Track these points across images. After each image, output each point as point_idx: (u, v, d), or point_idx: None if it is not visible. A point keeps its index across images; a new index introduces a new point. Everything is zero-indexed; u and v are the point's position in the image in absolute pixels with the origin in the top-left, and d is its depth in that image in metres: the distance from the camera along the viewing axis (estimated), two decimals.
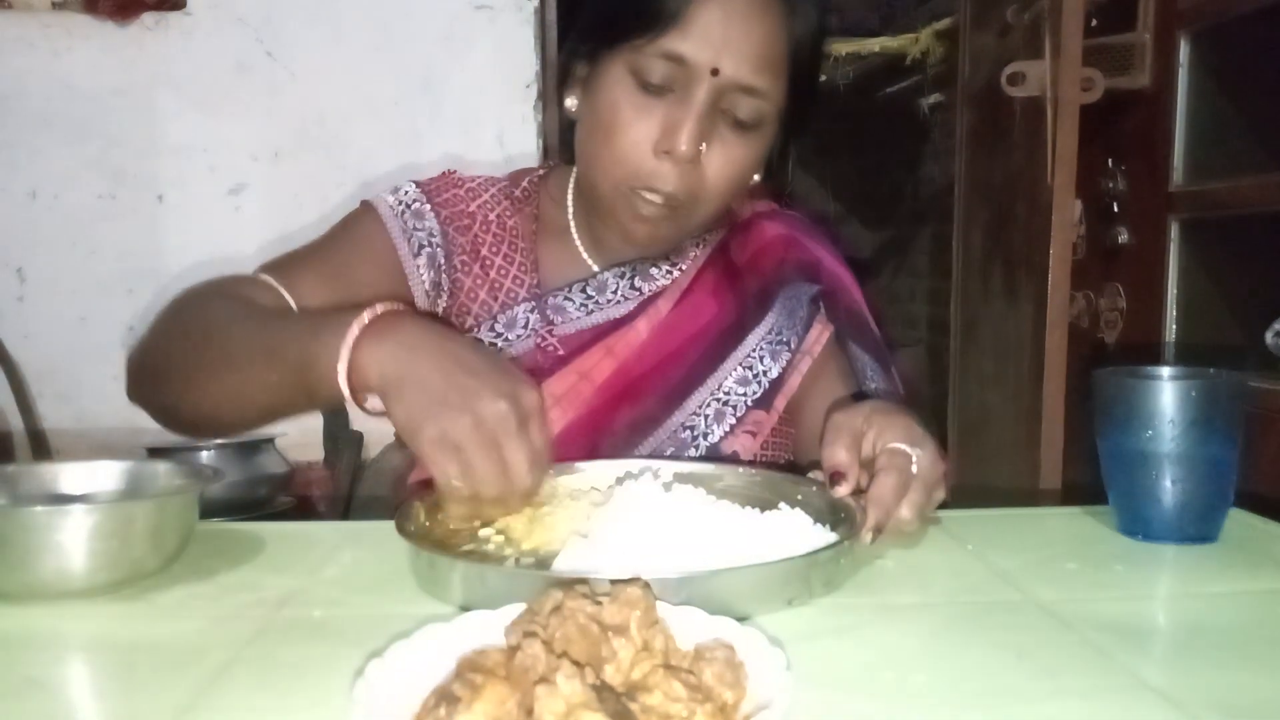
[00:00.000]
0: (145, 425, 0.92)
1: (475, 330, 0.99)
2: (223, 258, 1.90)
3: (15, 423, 1.83)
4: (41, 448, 1.84)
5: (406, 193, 1.03)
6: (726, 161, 0.92)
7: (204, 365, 0.83)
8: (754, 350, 1.00)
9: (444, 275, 1.01)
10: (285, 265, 0.97)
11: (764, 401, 0.99)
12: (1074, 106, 1.90)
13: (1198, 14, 1.94)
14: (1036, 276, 1.99)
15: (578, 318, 1.00)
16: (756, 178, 1.00)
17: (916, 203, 3.81)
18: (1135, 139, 2.11)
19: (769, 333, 1.01)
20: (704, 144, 0.90)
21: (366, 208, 1.03)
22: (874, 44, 3.43)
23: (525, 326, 0.99)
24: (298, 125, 1.89)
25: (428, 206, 1.02)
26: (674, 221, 0.94)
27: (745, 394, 0.99)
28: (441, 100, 1.91)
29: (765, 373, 1.00)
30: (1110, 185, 2.16)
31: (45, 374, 1.88)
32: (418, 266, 1.00)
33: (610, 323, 1.00)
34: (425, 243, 1.00)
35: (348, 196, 1.90)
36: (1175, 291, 2.00)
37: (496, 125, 1.92)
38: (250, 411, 0.84)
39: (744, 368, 1.00)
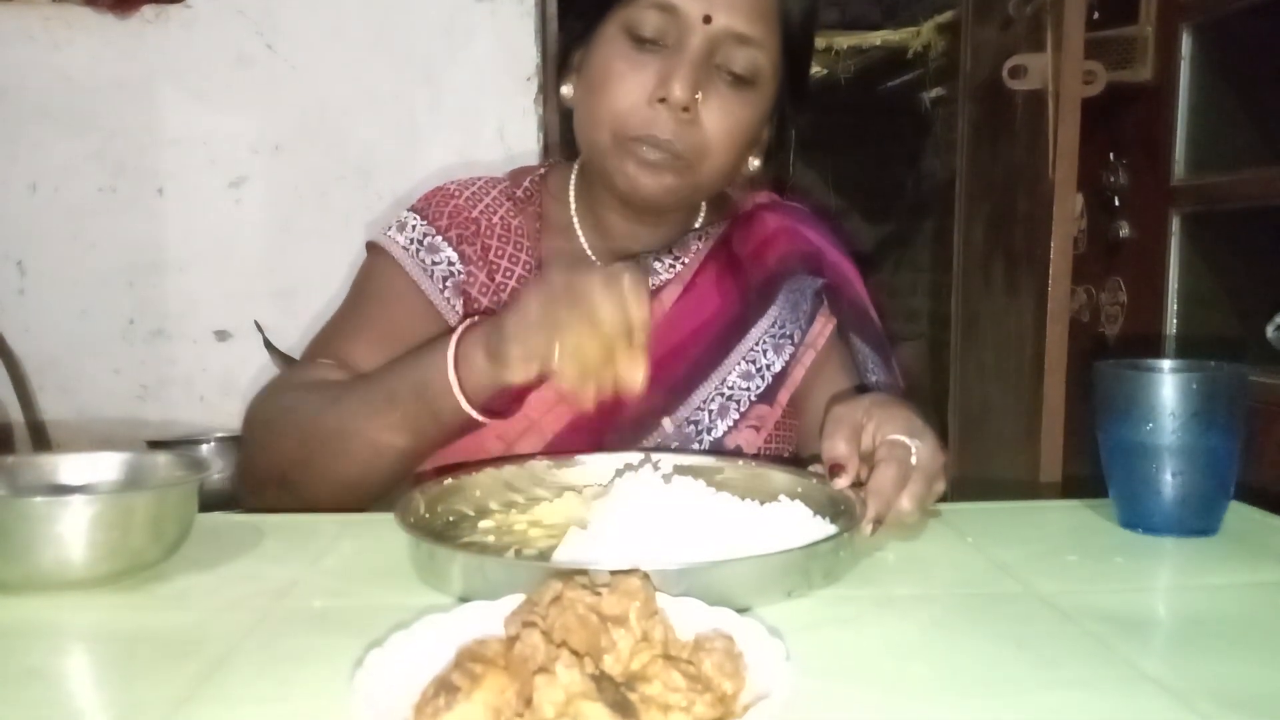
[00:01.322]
0: (146, 418, 0.92)
1: None
2: (223, 250, 1.90)
3: (16, 415, 1.83)
4: (42, 440, 1.83)
5: (414, 227, 1.02)
6: (724, 115, 0.92)
7: (330, 444, 0.85)
8: (757, 344, 1.00)
9: (462, 292, 1.00)
10: (332, 344, 0.98)
11: (767, 396, 0.99)
12: (1076, 100, 1.90)
13: (1200, 7, 1.94)
14: (1037, 270, 1.99)
15: None
16: (756, 163, 1.00)
17: (918, 197, 3.81)
18: (1137, 133, 2.10)
19: (772, 325, 1.00)
20: (699, 94, 0.90)
21: (378, 253, 1.02)
22: (875, 38, 3.43)
23: None
24: (298, 118, 1.89)
25: (439, 238, 1.01)
26: (678, 175, 0.93)
27: (749, 388, 0.98)
28: (442, 93, 1.91)
29: (768, 366, 0.99)
30: (1111, 179, 2.16)
31: (46, 367, 1.88)
32: (447, 299, 0.99)
33: None
34: (448, 273, 1.00)
35: (348, 189, 1.90)
36: (1176, 285, 2.00)
37: (497, 118, 1.92)
38: (388, 463, 0.86)
39: (747, 361, 0.99)
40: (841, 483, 0.73)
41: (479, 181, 1.07)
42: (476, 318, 0.82)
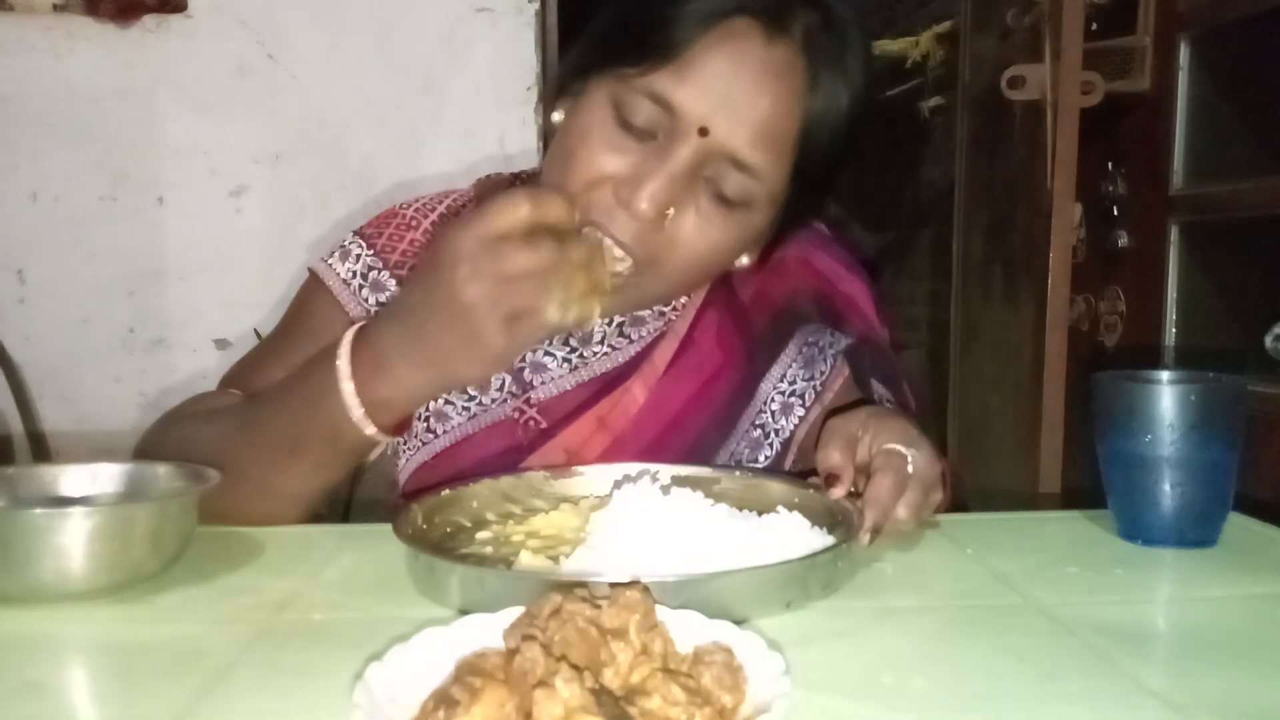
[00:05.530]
0: (146, 427, 0.92)
1: (440, 398, 0.90)
2: (223, 260, 1.90)
3: (15, 425, 1.83)
4: (42, 450, 1.83)
5: (358, 258, 0.91)
6: (699, 235, 0.79)
7: (231, 489, 0.74)
8: (766, 403, 0.90)
9: None
10: (247, 374, 0.91)
11: (777, 463, 0.91)
12: (1074, 110, 1.90)
13: (1198, 17, 1.94)
14: (1036, 280, 1.99)
15: (560, 376, 0.90)
16: (745, 259, 0.88)
17: (916, 205, 3.81)
18: (1135, 142, 2.11)
19: (781, 380, 0.91)
20: (672, 209, 0.77)
21: (316, 282, 0.92)
22: (874, 47, 3.43)
23: (500, 389, 0.90)
24: (299, 128, 1.89)
25: (385, 273, 0.90)
26: (627, 279, 0.79)
27: (757, 460, 0.91)
28: (442, 103, 1.91)
29: (777, 432, 0.91)
30: (1110, 188, 2.16)
31: (46, 376, 1.88)
32: None
33: (599, 382, 0.89)
34: None
35: (349, 199, 1.90)
36: (1175, 295, 2.00)
37: (497, 128, 1.92)
38: (299, 504, 0.80)
39: (756, 426, 0.90)
40: (837, 493, 0.73)
41: (440, 205, 0.95)
42: (350, 337, 0.73)
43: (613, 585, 0.49)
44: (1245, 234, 1.85)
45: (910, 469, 0.71)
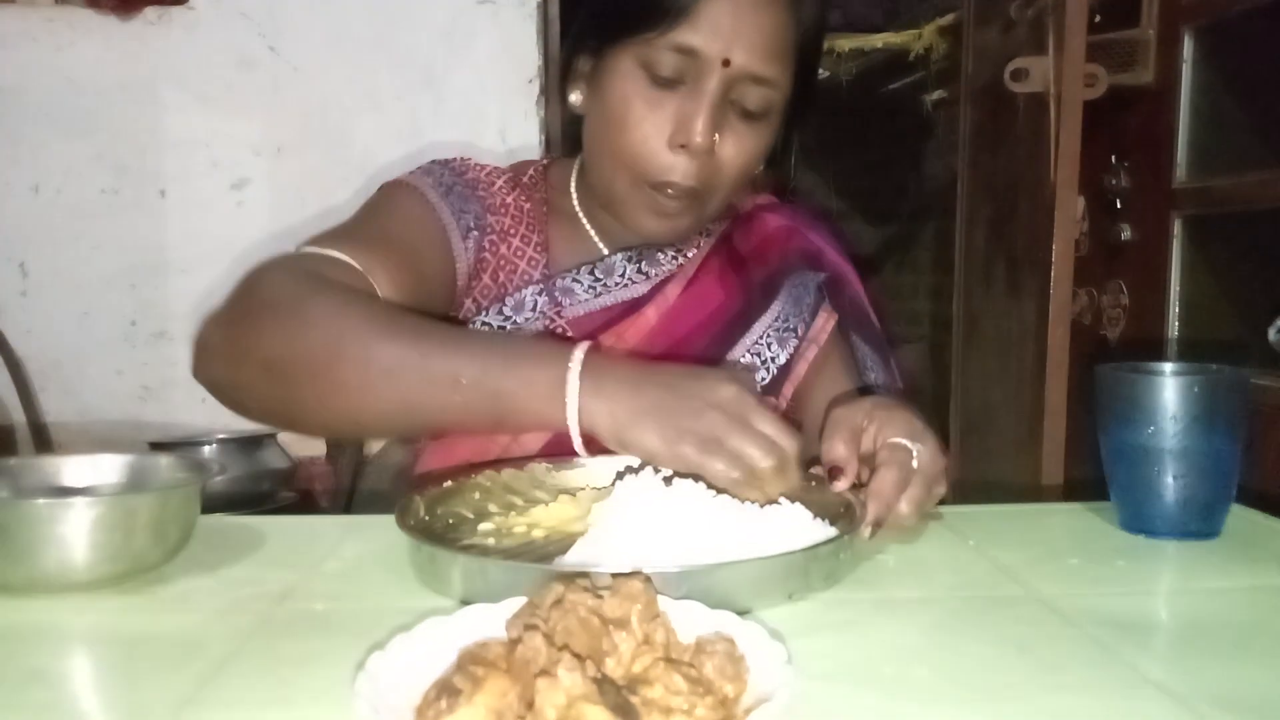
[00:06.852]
0: (148, 419, 0.92)
1: (484, 313, 0.98)
2: (225, 252, 1.90)
3: (18, 417, 1.83)
4: (44, 442, 1.84)
5: (442, 175, 1.01)
6: (738, 151, 0.93)
7: (357, 373, 0.75)
8: (761, 337, 1.01)
9: (477, 258, 1.00)
10: (353, 245, 0.88)
11: (772, 389, 1.00)
12: (1077, 102, 1.90)
13: (1202, 10, 1.94)
14: (1039, 273, 1.99)
15: (585, 300, 1.00)
16: (760, 168, 1.01)
17: (919, 199, 3.81)
18: (1138, 135, 2.10)
19: (775, 320, 1.02)
20: (716, 135, 0.92)
21: (400, 186, 0.98)
22: (877, 40, 3.43)
23: (534, 309, 0.99)
24: (300, 120, 1.89)
25: (463, 187, 1.01)
26: (691, 213, 0.96)
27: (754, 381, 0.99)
28: (444, 95, 1.91)
29: (773, 359, 1.00)
30: (1113, 181, 2.16)
31: (48, 368, 1.88)
32: (466, 249, 0.98)
33: (619, 306, 1.00)
34: (473, 225, 0.99)
35: (351, 191, 1.90)
36: (1178, 288, 2.00)
37: (499, 120, 1.92)
38: (405, 423, 0.83)
39: (751, 354, 1.01)
40: (840, 485, 0.73)
41: (488, 165, 1.07)
42: (583, 352, 0.75)
43: (615, 576, 0.49)
44: (1248, 227, 1.85)
45: (915, 463, 0.72)
